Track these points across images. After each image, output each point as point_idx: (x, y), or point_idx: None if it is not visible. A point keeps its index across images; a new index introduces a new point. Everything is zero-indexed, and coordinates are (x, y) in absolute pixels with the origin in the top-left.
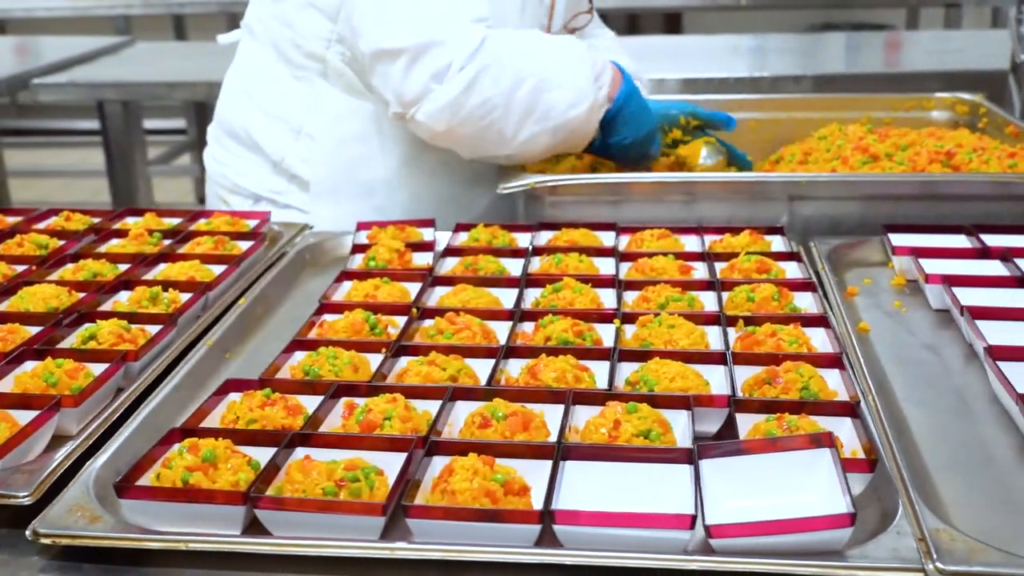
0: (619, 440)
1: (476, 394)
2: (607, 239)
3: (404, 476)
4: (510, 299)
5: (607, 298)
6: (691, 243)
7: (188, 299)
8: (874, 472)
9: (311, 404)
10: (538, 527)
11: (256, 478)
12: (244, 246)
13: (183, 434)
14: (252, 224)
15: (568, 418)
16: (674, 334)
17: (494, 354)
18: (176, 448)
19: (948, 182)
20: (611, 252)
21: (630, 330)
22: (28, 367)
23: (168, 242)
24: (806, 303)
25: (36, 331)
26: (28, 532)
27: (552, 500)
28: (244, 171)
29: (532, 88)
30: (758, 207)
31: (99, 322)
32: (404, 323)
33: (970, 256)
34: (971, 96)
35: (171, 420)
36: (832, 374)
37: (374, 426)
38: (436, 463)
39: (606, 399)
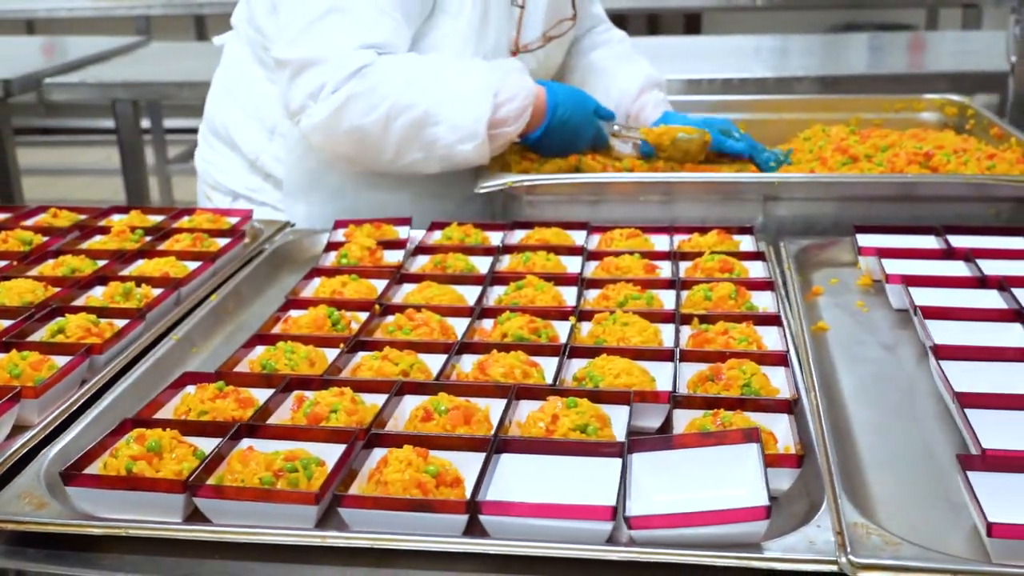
0: (556, 434)
1: (424, 388)
2: (578, 238)
3: (341, 467)
4: (476, 296)
5: (570, 296)
6: (661, 242)
7: (159, 294)
8: (801, 468)
9: (266, 397)
10: (465, 517)
11: (197, 467)
12: (223, 243)
13: (135, 425)
14: (233, 222)
15: (510, 412)
16: (627, 332)
17: (449, 350)
18: (125, 438)
19: (920, 183)
20: (579, 251)
21: (588, 327)
22: None
23: (149, 239)
24: (765, 302)
25: (8, 324)
26: None
27: (480, 491)
28: (224, 168)
29: (413, 120)
30: (733, 207)
31: (68, 316)
32: (366, 319)
33: (935, 257)
34: (960, 98)
35: (130, 412)
36: (778, 372)
37: (320, 418)
38: (376, 455)
39: (548, 394)
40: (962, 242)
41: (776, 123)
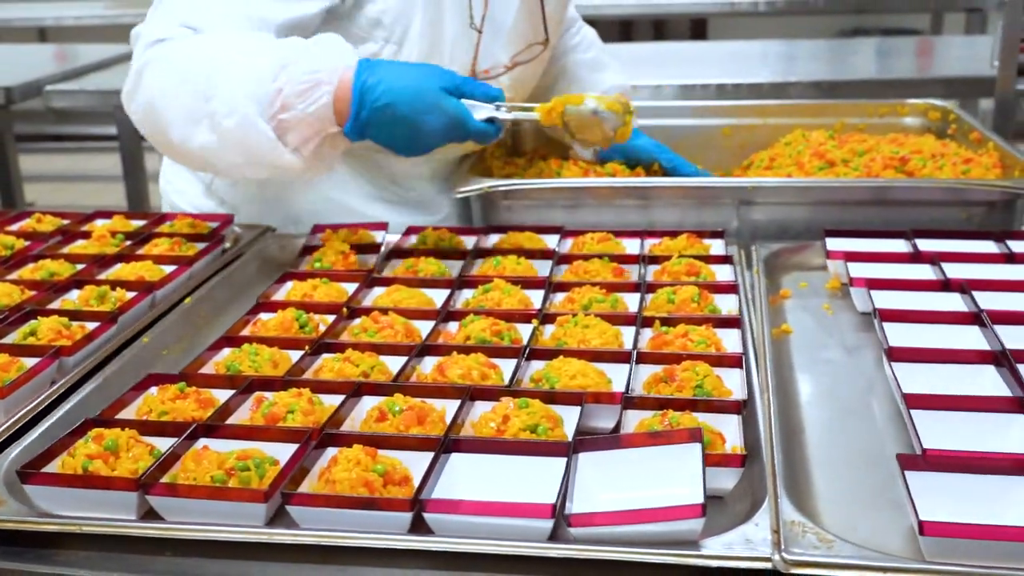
0: (506, 434)
1: (382, 389)
2: (552, 242)
3: (292, 466)
4: (445, 300)
5: (537, 299)
6: (633, 246)
7: (132, 298)
8: (744, 467)
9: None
10: (409, 515)
11: (150, 466)
12: (201, 248)
13: (95, 425)
14: (213, 227)
15: (463, 413)
16: (587, 334)
17: (411, 352)
18: (84, 438)
19: (893, 187)
20: (550, 255)
21: (551, 330)
22: None
23: (130, 243)
24: (729, 305)
25: None
26: None
27: (426, 490)
28: (182, 190)
29: (194, 92)
30: (709, 212)
31: (40, 319)
32: (332, 322)
33: (903, 260)
34: (942, 102)
35: (95, 412)
36: (733, 374)
37: (277, 419)
38: (328, 454)
39: (503, 395)
40: (930, 246)
41: (761, 128)
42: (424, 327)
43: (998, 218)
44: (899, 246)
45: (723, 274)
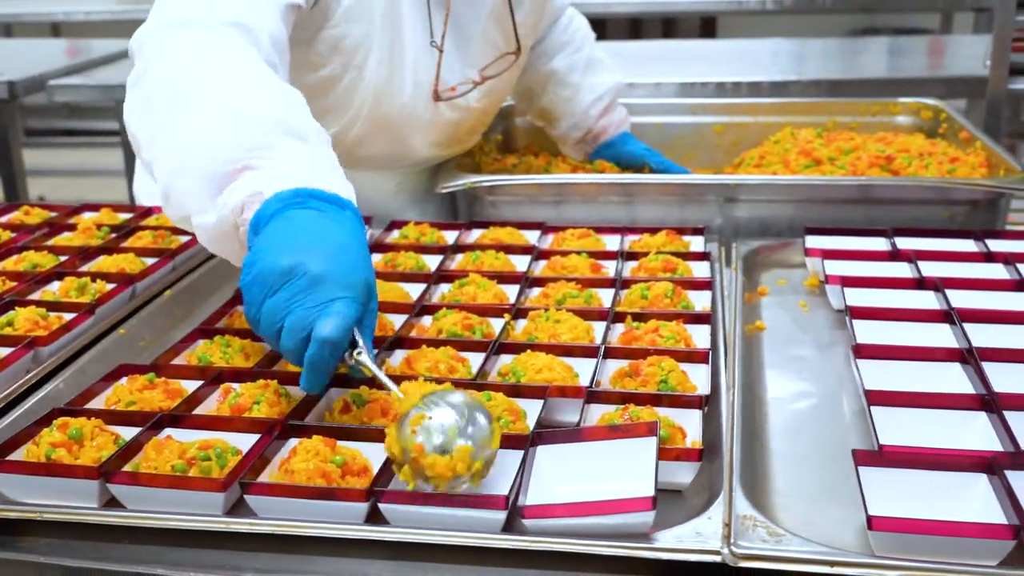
0: None
1: (351, 381)
2: (533, 238)
3: (253, 456)
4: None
5: (514, 294)
6: (613, 243)
7: (111, 289)
8: (702, 461)
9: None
10: (365, 505)
11: (112, 455)
12: (185, 241)
13: (61, 414)
14: None
15: None
16: (558, 328)
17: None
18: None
19: (876, 186)
20: (530, 250)
21: (523, 325)
22: None
23: (114, 236)
24: (704, 301)
25: None
26: None
27: (381, 481)
28: (153, 193)
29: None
30: (692, 209)
31: (18, 309)
32: None
33: (881, 259)
34: (933, 101)
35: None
36: (700, 369)
37: (243, 409)
38: (290, 445)
39: (468, 388)
40: (909, 244)
41: (753, 126)
42: (398, 320)
43: (981, 217)
44: (879, 244)
45: (700, 271)
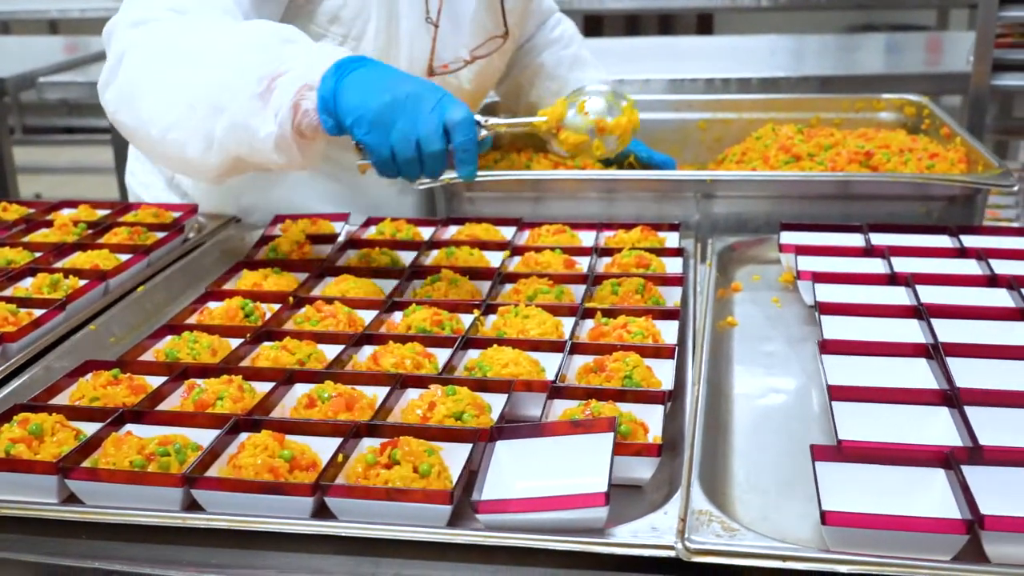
0: (432, 420)
1: (315, 377)
2: (509, 234)
3: (212, 451)
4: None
5: (485, 290)
6: (589, 239)
7: (83, 285)
8: (661, 457)
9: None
10: (311, 499)
11: (71, 450)
12: (161, 237)
13: (23, 409)
14: (177, 216)
15: (391, 400)
16: (527, 324)
17: (349, 341)
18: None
19: (853, 182)
20: (504, 246)
21: (493, 320)
22: None
23: (91, 232)
24: (676, 297)
25: None
26: None
27: (327, 475)
28: (147, 183)
29: (183, 64)
30: (671, 205)
31: None
32: (277, 311)
33: (855, 255)
34: (917, 97)
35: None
36: (666, 365)
37: (207, 405)
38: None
39: (432, 383)
40: (884, 240)
41: (736, 122)
42: (369, 317)
43: (958, 213)
44: (854, 240)
45: (674, 267)
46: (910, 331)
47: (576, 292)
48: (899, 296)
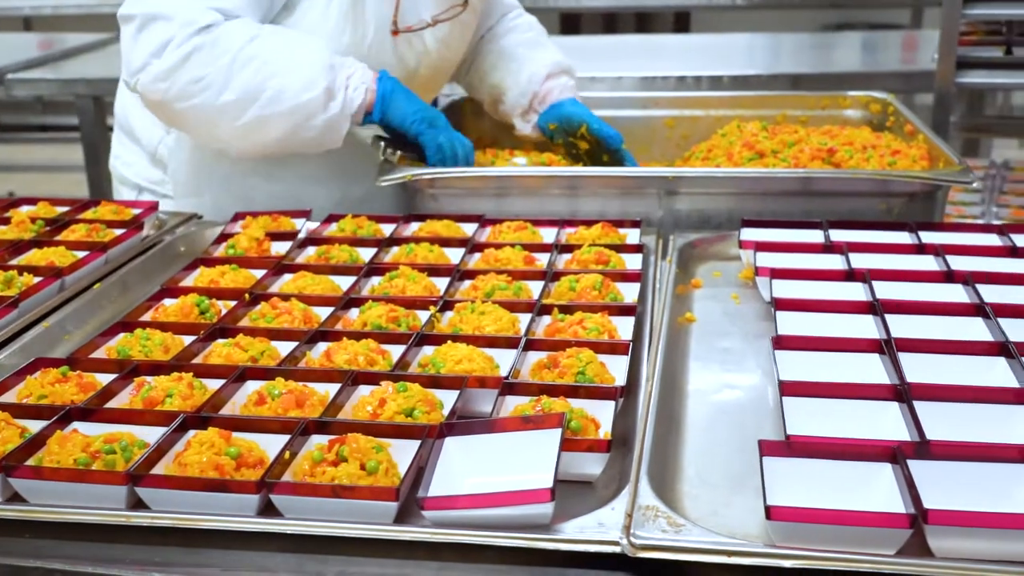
0: (382, 417)
1: (267, 374)
2: (471, 230)
3: (158, 449)
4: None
5: (444, 286)
6: (550, 235)
7: (38, 283)
8: (611, 453)
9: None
10: (256, 497)
11: (15, 448)
12: (119, 234)
13: None
14: (136, 213)
15: (342, 397)
16: (483, 320)
17: (303, 337)
18: None
19: (814, 178)
20: (464, 243)
21: (449, 317)
22: None
23: (49, 229)
24: (634, 294)
25: None
26: None
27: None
28: (129, 162)
29: (256, 71)
30: (634, 201)
31: None
32: (233, 307)
33: (814, 251)
34: (882, 95)
35: None
36: (621, 361)
37: (156, 403)
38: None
39: (384, 379)
40: (844, 236)
41: (704, 119)
42: (326, 313)
43: (918, 209)
44: (814, 236)
45: (634, 263)
46: (865, 327)
47: (535, 289)
48: (856, 292)
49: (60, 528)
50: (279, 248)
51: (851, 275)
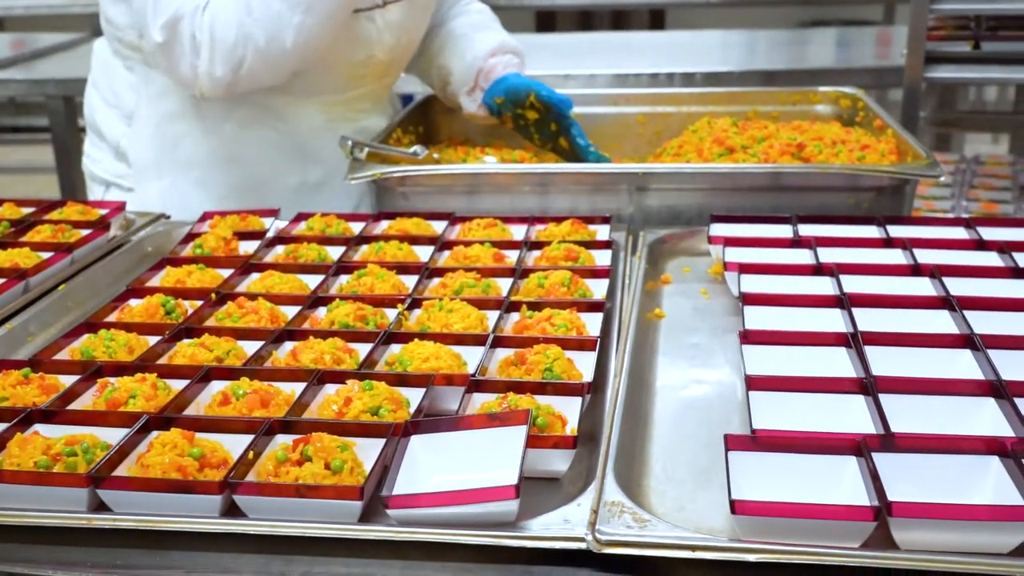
0: (347, 416)
1: (232, 374)
2: (441, 228)
3: (120, 451)
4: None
5: (413, 284)
6: (520, 232)
7: (1, 284)
8: (577, 449)
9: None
10: (219, 497)
11: None
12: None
13: None
14: (103, 213)
15: (308, 396)
16: (451, 318)
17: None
18: None
19: (783, 173)
20: (433, 240)
21: (417, 315)
22: None
23: (14, 230)
24: (603, 290)
25: None
26: None
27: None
28: (96, 158)
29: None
30: (605, 198)
31: None
32: (199, 307)
33: (782, 245)
34: (852, 90)
35: None
36: (589, 357)
37: (119, 404)
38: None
39: (350, 378)
40: (812, 231)
41: (675, 116)
42: (293, 313)
43: (887, 203)
44: (783, 231)
45: (603, 259)
46: (832, 320)
47: (504, 286)
48: (824, 286)
49: (21, 532)
50: (247, 247)
51: (819, 269)
